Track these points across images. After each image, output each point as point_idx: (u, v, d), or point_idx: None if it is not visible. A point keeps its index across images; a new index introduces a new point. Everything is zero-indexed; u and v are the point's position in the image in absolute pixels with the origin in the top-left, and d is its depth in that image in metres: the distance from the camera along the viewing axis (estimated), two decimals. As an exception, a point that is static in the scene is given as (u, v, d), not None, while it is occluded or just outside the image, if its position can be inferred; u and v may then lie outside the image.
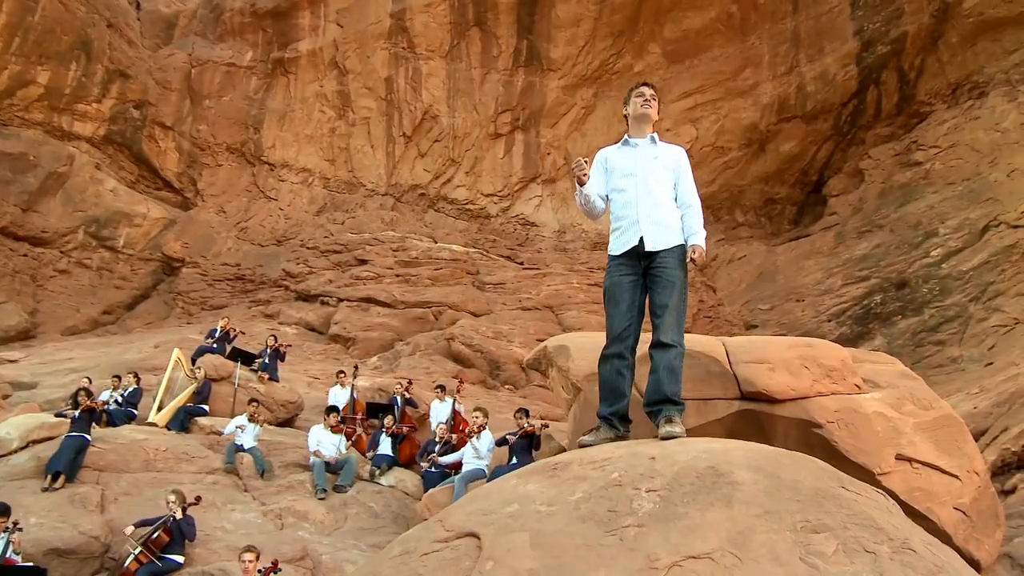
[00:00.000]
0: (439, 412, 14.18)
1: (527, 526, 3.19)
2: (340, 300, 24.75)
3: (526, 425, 9.96)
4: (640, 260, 4.62)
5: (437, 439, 12.41)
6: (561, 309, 25.44)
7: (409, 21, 31.62)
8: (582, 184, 4.75)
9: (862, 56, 28.79)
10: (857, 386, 8.56)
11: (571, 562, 2.89)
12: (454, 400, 14.21)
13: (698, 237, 4.70)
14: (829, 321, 26.07)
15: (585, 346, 10.60)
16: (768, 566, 2.63)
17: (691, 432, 9.95)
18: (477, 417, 10.48)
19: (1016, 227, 23.28)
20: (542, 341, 24.88)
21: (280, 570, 7.71)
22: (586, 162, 4.78)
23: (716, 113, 31.78)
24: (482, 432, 10.19)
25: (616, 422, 4.50)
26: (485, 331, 22.24)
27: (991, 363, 20.83)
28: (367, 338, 22.94)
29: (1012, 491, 12.72)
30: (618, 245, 4.74)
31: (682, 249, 4.67)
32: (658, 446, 3.64)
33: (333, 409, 12.60)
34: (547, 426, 10.00)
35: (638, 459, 3.41)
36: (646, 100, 4.87)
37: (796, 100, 30.56)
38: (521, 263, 29.21)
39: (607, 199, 4.94)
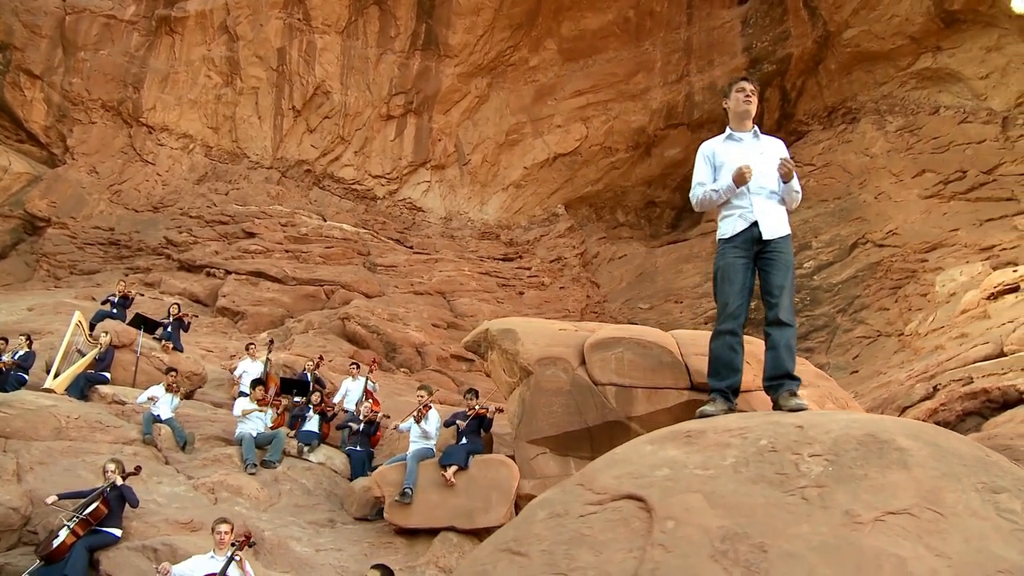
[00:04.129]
0: (353, 389, 14.00)
1: (694, 487, 3.30)
2: (228, 272, 23.81)
3: (477, 407, 9.98)
4: (753, 245, 4.86)
5: (362, 417, 12.23)
6: (453, 295, 25.49)
7: (307, -8, 30.79)
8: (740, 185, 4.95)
9: (749, 72, 30.20)
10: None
11: (764, 519, 3.02)
12: (366, 379, 14.06)
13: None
14: (706, 324, 27.23)
15: (533, 330, 10.76)
16: (970, 520, 2.85)
17: (642, 420, 10.29)
18: (422, 396, 10.38)
19: (881, 246, 25.11)
20: (437, 326, 24.78)
21: (254, 543, 7.45)
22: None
23: (607, 114, 32.59)
24: (429, 412, 10.11)
25: (730, 395, 4.70)
26: (381, 313, 21.97)
27: (856, 371, 22.41)
28: (257, 313, 22.21)
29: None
30: (731, 229, 4.96)
31: (790, 237, 4.95)
32: (795, 417, 3.81)
33: (259, 382, 12.18)
34: (501, 410, 10.05)
35: (783, 428, 3.57)
36: (747, 95, 5.10)
37: (684, 108, 31.79)
38: (411, 247, 29.02)
39: None
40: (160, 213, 27.83)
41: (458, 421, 9.98)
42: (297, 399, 13.62)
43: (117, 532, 8.46)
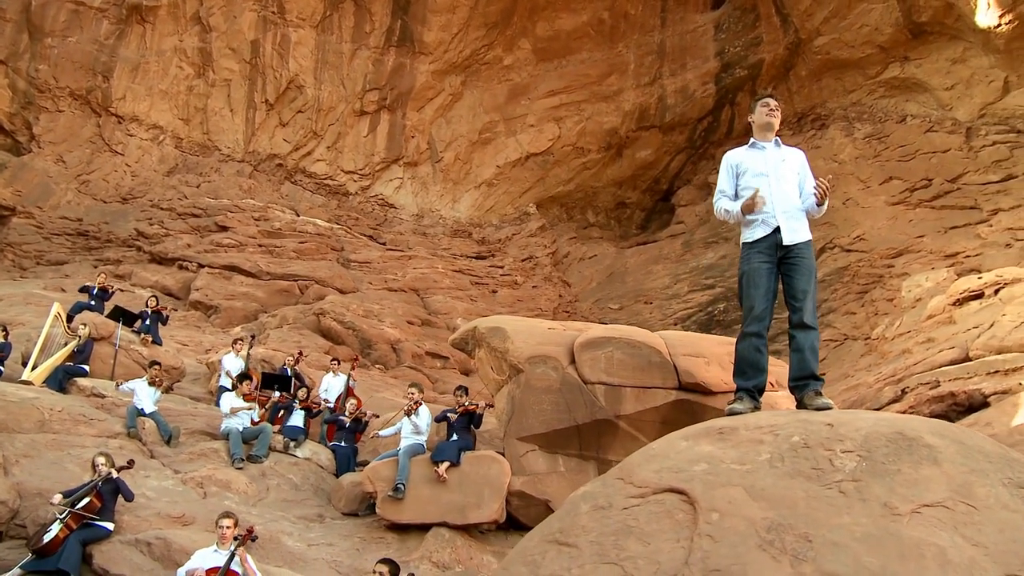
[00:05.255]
0: (333, 386, 14.02)
1: (734, 481, 3.44)
2: (200, 266, 23.62)
3: (467, 403, 10.09)
4: (776, 250, 5.06)
5: (347, 415, 12.27)
6: (427, 293, 25.54)
7: (282, -15, 30.60)
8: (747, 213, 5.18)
9: (721, 76, 30.68)
10: (772, 383, 9.38)
11: (806, 511, 3.17)
12: (348, 376, 14.10)
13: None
14: (675, 324, 27.57)
15: (522, 329, 10.90)
16: (1002, 512, 3.04)
17: (631, 418, 10.44)
18: (413, 393, 10.48)
19: (849, 251, 25.63)
20: (411, 323, 24.78)
21: (256, 537, 7.48)
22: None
23: (579, 115, 32.81)
24: (419, 408, 10.21)
25: (756, 394, 4.87)
26: (356, 309, 21.96)
27: (823, 374, 22.83)
28: (230, 307, 22.07)
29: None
30: (753, 235, 5.15)
31: (812, 243, 5.16)
32: (824, 415, 3.98)
33: (245, 377, 12.16)
34: (491, 406, 10.16)
35: (813, 425, 3.73)
36: (771, 110, 5.34)
37: (656, 110, 32.11)
38: (384, 243, 29.00)
39: (736, 197, 5.33)
40: (129, 204, 27.48)
41: (448, 414, 10.08)
42: (277, 394, 13.59)
43: (109, 526, 8.41)
